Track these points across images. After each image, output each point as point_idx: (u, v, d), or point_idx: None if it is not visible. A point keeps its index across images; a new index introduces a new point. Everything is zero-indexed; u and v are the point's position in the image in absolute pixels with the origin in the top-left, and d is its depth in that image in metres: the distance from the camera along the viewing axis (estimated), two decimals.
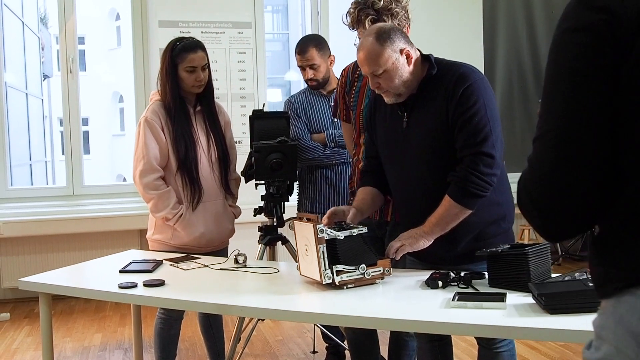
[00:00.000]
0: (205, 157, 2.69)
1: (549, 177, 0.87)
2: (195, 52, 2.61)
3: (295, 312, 1.87)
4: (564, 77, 0.88)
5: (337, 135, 3.04)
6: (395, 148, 2.13)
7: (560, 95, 0.88)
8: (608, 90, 0.85)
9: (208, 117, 2.73)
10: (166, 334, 2.71)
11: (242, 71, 4.68)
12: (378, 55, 1.98)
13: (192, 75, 2.61)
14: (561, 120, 0.87)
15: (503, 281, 1.88)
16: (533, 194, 0.90)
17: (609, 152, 0.85)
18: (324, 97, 3.12)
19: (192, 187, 2.63)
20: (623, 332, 0.84)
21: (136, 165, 2.64)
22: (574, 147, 0.85)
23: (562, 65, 0.89)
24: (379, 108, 2.21)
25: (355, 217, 2.10)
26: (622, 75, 0.84)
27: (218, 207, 2.74)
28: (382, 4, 2.25)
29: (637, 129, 0.83)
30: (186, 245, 2.67)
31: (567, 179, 0.86)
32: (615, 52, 0.85)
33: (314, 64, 3.02)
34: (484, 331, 1.72)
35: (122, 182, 9.12)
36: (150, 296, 2.06)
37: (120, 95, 17.18)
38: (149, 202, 2.65)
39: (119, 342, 3.68)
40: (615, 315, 0.85)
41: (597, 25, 0.86)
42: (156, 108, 2.65)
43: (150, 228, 2.75)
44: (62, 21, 4.57)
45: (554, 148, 0.86)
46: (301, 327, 3.81)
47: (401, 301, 1.88)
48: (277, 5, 17.60)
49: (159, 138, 2.62)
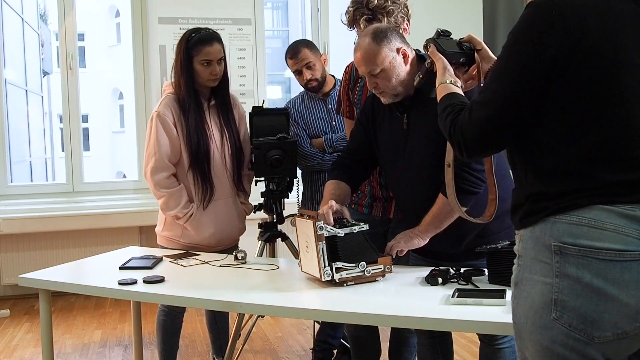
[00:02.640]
0: (219, 153, 2.63)
1: (481, 128, 1.31)
2: (211, 44, 2.52)
3: (295, 308, 1.86)
4: (514, 68, 1.26)
5: (334, 140, 3.01)
6: (396, 149, 2.13)
7: (507, 79, 1.27)
8: (543, 86, 1.22)
9: (222, 111, 2.65)
10: (169, 326, 2.69)
11: (242, 68, 4.68)
12: (375, 54, 1.98)
13: (208, 69, 2.53)
14: (503, 98, 1.27)
15: (503, 278, 1.87)
16: (465, 133, 1.34)
17: (523, 127, 1.27)
18: (320, 101, 3.10)
19: (203, 185, 2.58)
20: (540, 246, 1.23)
21: (147, 162, 2.58)
22: (504, 120, 1.28)
23: (515, 57, 1.26)
24: (377, 110, 2.20)
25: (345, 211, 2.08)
26: (566, 75, 1.20)
27: (229, 205, 2.69)
28: (377, 3, 2.25)
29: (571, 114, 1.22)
30: (196, 244, 2.63)
31: (490, 134, 1.31)
32: (559, 54, 1.19)
33: (309, 62, 3.00)
34: (483, 328, 1.72)
35: (122, 179, 9.13)
36: (150, 293, 2.06)
37: (120, 92, 17.17)
38: (159, 199, 2.60)
39: (118, 339, 3.68)
40: (533, 237, 1.25)
41: (542, 47, 1.21)
42: (169, 102, 2.58)
43: (159, 223, 2.71)
44: (61, 18, 4.56)
45: (491, 115, 1.29)
46: (301, 323, 3.81)
47: (401, 298, 1.88)
48: (277, 2, 17.58)
49: (171, 133, 2.55)
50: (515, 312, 1.29)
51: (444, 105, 1.50)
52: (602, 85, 1.20)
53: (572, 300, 1.18)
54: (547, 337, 1.21)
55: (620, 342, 1.18)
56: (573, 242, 1.18)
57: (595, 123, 1.20)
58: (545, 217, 1.23)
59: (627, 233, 1.16)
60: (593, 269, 1.16)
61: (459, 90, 1.59)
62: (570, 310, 1.18)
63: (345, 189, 2.20)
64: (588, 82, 1.20)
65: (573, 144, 1.22)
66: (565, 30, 1.20)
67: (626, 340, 1.18)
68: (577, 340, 1.18)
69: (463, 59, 1.76)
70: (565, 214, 1.20)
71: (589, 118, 1.21)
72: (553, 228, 1.21)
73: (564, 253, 1.19)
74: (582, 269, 1.17)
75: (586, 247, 1.17)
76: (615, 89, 1.20)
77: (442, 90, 1.59)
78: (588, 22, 1.20)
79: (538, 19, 1.23)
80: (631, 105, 1.20)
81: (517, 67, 1.26)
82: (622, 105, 1.20)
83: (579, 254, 1.17)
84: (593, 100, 1.20)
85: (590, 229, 1.18)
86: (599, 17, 1.21)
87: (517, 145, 1.32)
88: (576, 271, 1.17)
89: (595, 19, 1.20)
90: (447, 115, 1.44)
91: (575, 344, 1.18)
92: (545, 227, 1.22)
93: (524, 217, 1.28)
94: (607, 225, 1.17)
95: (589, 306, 1.17)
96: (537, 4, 1.25)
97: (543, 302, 1.21)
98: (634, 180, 1.18)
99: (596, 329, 1.17)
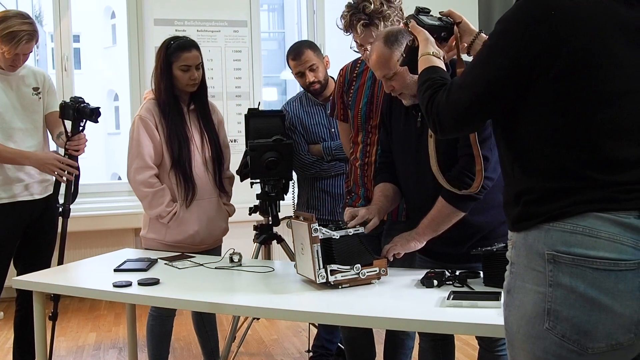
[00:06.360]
0: (199, 155, 2.69)
1: (457, 111, 1.33)
2: (189, 51, 2.63)
3: (291, 311, 1.86)
4: (498, 57, 1.26)
5: (333, 148, 2.96)
6: (409, 146, 2.14)
7: (486, 74, 1.28)
8: (525, 80, 1.22)
9: (202, 115, 2.73)
10: (158, 332, 2.70)
11: (238, 70, 4.68)
12: (387, 58, 2.00)
13: (187, 74, 2.62)
14: (482, 86, 1.28)
15: (498, 280, 1.86)
16: (441, 113, 1.36)
17: (499, 115, 1.32)
18: (320, 106, 3.04)
19: (186, 185, 2.63)
20: (533, 254, 1.21)
21: (130, 163, 2.64)
22: (480, 107, 1.31)
23: (501, 47, 1.26)
24: (394, 107, 2.22)
25: (375, 224, 2.09)
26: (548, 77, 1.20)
27: (212, 205, 2.74)
28: (373, 8, 2.25)
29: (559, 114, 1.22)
30: (180, 243, 2.67)
31: (465, 118, 1.34)
32: (545, 50, 1.19)
33: (312, 64, 2.95)
34: (479, 330, 1.73)
35: (117, 181, 9.10)
36: (145, 295, 2.05)
37: (116, 94, 17.13)
38: (143, 199, 2.65)
39: (113, 341, 3.67)
40: (526, 244, 1.23)
41: (529, 42, 1.21)
42: (150, 106, 2.66)
43: (144, 227, 2.75)
44: (57, 19, 4.55)
45: (469, 100, 1.31)
46: (296, 326, 3.80)
47: (396, 300, 1.88)
48: (273, 4, 17.59)
49: (153, 136, 2.62)
50: (508, 320, 1.28)
51: (424, 78, 1.48)
52: (590, 86, 1.19)
53: (566, 310, 1.16)
54: (539, 347, 1.19)
55: (614, 353, 1.16)
56: (567, 251, 1.16)
57: (582, 123, 1.19)
58: (538, 223, 1.21)
59: (621, 241, 1.15)
60: (587, 278, 1.14)
61: (441, 63, 1.56)
62: (563, 320, 1.16)
63: (393, 189, 2.22)
64: (575, 82, 1.19)
65: (560, 143, 1.21)
66: (554, 27, 1.19)
67: (620, 352, 1.17)
68: (571, 351, 1.16)
69: (444, 33, 1.74)
70: (559, 221, 1.18)
71: (576, 118, 1.20)
72: (547, 236, 1.19)
73: (557, 262, 1.17)
74: (576, 279, 1.15)
75: (580, 256, 1.15)
76: (603, 90, 1.19)
77: (424, 63, 1.56)
78: (578, 21, 1.19)
79: (528, 12, 1.22)
80: (619, 106, 1.19)
81: (501, 57, 1.25)
82: (610, 106, 1.19)
83: (573, 263, 1.15)
84: (580, 100, 1.19)
85: (584, 237, 1.16)
86: (590, 17, 1.20)
87: (503, 141, 1.32)
88: (570, 280, 1.16)
89: (586, 19, 1.20)
90: (426, 89, 1.43)
91: (568, 355, 1.17)
92: (539, 234, 1.21)
93: (516, 221, 1.27)
94: (602, 233, 1.15)
95: (582, 316, 1.15)
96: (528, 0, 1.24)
97: (536, 311, 1.20)
98: (624, 182, 1.17)
99: (590, 340, 1.15)
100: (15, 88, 2.76)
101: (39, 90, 2.83)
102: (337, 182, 2.99)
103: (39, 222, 2.82)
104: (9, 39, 2.58)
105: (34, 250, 2.83)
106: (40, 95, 2.84)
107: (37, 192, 2.80)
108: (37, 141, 2.80)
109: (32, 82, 2.83)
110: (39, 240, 2.84)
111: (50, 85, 2.91)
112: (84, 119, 2.74)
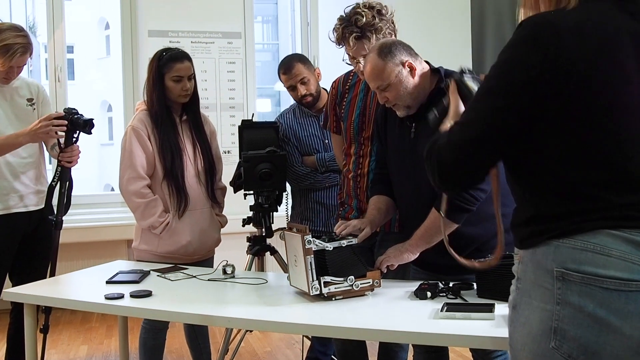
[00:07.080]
0: (192, 165, 2.69)
1: (461, 150, 1.25)
2: (182, 62, 2.64)
3: (284, 323, 1.85)
4: (502, 86, 1.21)
5: (327, 159, 2.97)
6: (403, 158, 2.15)
7: (491, 105, 1.22)
8: (532, 106, 1.18)
9: (194, 126, 2.74)
10: (151, 345, 2.69)
11: (232, 81, 4.69)
12: (381, 70, 2.02)
13: (179, 85, 2.63)
14: (485, 125, 1.23)
15: (491, 291, 1.87)
16: (443, 158, 1.27)
17: (500, 155, 1.27)
18: (313, 118, 3.05)
19: (178, 195, 2.63)
20: (540, 270, 1.18)
21: (123, 174, 2.63)
22: (486, 142, 1.24)
23: (503, 76, 1.21)
24: (389, 118, 2.23)
25: (367, 234, 2.09)
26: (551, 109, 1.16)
27: (204, 216, 2.73)
28: (365, 21, 2.27)
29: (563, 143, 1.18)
30: (172, 253, 2.66)
31: (470, 158, 1.26)
32: (553, 74, 1.15)
33: (303, 77, 2.97)
34: (472, 342, 1.72)
35: (110, 192, 9.06)
36: (137, 307, 2.04)
37: (109, 105, 17.11)
38: (135, 210, 2.64)
39: (105, 354, 3.64)
40: (534, 260, 1.20)
41: (535, 66, 1.16)
42: (142, 117, 2.66)
43: (136, 238, 2.73)
44: (50, 30, 4.56)
45: (474, 136, 1.24)
46: (290, 338, 3.79)
47: (390, 312, 1.87)
48: (267, 15, 17.66)
49: (145, 146, 2.62)
50: (512, 336, 1.25)
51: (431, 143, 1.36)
52: (600, 107, 1.16)
53: (573, 329, 1.13)
54: None
55: None
56: (576, 269, 1.13)
57: (595, 144, 1.16)
58: (547, 239, 1.18)
59: (633, 260, 1.12)
60: (596, 298, 1.11)
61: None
62: (570, 340, 1.13)
63: (388, 202, 2.23)
64: (586, 102, 1.15)
65: (572, 165, 1.17)
66: (560, 50, 1.15)
67: None
68: None
69: None
70: (569, 237, 1.15)
71: (588, 138, 1.16)
72: (556, 252, 1.16)
73: (566, 279, 1.14)
74: (585, 298, 1.12)
75: (590, 274, 1.12)
76: (613, 107, 1.16)
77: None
78: (584, 40, 1.16)
79: (532, 38, 1.18)
80: (631, 124, 1.16)
81: (504, 85, 1.20)
82: (621, 125, 1.16)
83: (582, 282, 1.12)
84: (591, 119, 1.16)
85: (595, 254, 1.13)
86: (596, 35, 1.16)
87: (513, 164, 1.27)
88: (578, 299, 1.12)
89: (592, 37, 1.16)
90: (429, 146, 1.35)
91: None
92: (548, 250, 1.17)
93: (525, 238, 1.23)
94: (613, 251, 1.12)
95: (590, 337, 1.12)
96: (531, 23, 1.20)
97: (542, 329, 1.17)
98: (637, 201, 1.14)
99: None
100: (10, 99, 2.76)
101: (33, 102, 2.83)
102: (331, 193, 2.99)
103: (35, 234, 2.81)
104: (4, 52, 2.59)
105: (30, 263, 2.81)
106: (35, 106, 2.84)
107: (33, 203, 2.79)
108: (32, 152, 2.79)
109: (26, 93, 2.82)
110: (34, 253, 2.82)
111: (44, 96, 2.91)
112: (77, 131, 2.74)
